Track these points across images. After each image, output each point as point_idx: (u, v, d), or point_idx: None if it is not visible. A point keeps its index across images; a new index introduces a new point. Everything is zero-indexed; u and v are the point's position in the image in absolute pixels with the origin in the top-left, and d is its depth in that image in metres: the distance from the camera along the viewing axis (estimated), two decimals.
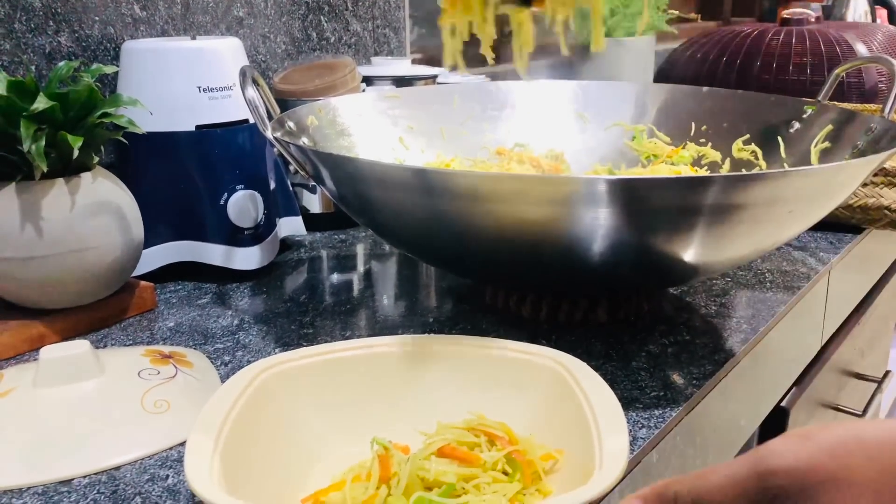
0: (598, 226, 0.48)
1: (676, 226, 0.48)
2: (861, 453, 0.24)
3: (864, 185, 0.83)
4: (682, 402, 0.50)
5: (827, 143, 0.69)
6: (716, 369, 0.54)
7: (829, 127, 0.70)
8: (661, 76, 1.32)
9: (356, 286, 0.71)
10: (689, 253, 0.50)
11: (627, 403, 0.49)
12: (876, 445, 0.24)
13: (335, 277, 0.73)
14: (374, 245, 0.82)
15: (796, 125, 0.74)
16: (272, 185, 0.75)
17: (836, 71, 0.77)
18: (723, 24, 1.93)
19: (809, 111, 0.73)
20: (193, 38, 0.72)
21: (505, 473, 0.39)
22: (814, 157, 0.70)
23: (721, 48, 1.27)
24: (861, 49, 1.18)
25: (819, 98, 0.77)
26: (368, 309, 0.65)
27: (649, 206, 0.46)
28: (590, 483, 0.34)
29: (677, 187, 0.45)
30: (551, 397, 0.44)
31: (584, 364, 0.45)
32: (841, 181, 0.49)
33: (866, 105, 1.03)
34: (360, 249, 0.81)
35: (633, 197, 0.46)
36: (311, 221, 0.84)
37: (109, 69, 0.61)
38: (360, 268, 0.76)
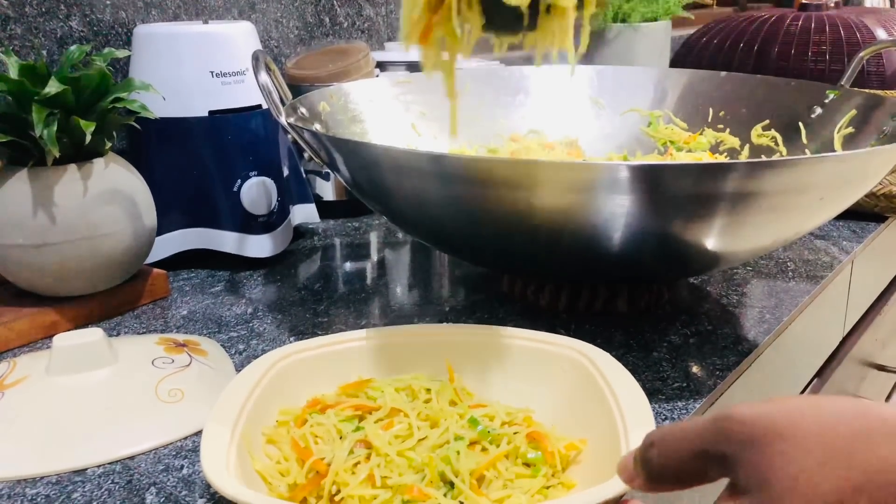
0: (619, 213, 0.47)
1: (701, 214, 0.47)
2: (815, 417, 0.25)
3: (890, 172, 0.81)
4: (705, 393, 0.49)
5: (851, 129, 0.68)
6: (739, 360, 0.53)
7: (853, 112, 0.68)
8: (677, 63, 1.30)
9: (370, 274, 0.70)
10: (714, 241, 0.49)
11: (650, 395, 0.48)
12: (831, 413, 0.25)
13: (349, 266, 0.73)
14: (388, 233, 0.81)
15: (818, 110, 0.72)
16: (285, 172, 0.74)
17: (861, 54, 0.76)
18: (739, 9, 1.91)
19: (832, 96, 0.72)
20: (206, 22, 0.71)
21: (526, 466, 0.38)
22: (837, 142, 0.69)
23: (738, 34, 1.25)
24: (881, 34, 1.16)
25: (842, 83, 0.75)
26: (383, 297, 0.64)
27: (675, 193, 0.45)
28: (617, 477, 0.33)
29: (705, 174, 0.44)
30: (574, 388, 0.43)
31: (608, 354, 0.44)
32: (875, 167, 0.48)
33: (887, 91, 1.01)
34: (374, 237, 0.80)
35: (659, 183, 0.45)
36: (325, 209, 0.84)
37: (121, 53, 0.61)
38: (374, 256, 0.76)
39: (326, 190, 0.85)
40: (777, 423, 0.25)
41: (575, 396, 0.43)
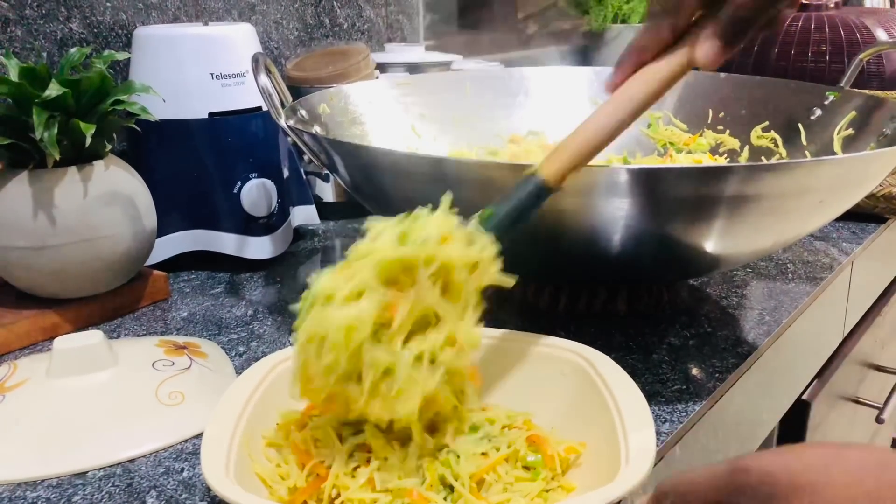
0: (619, 216, 0.47)
1: (701, 216, 0.47)
2: (839, 468, 0.24)
3: (890, 173, 0.81)
4: (705, 395, 0.49)
5: (850, 131, 0.68)
6: (739, 362, 0.53)
7: (853, 114, 0.68)
8: None
9: None
10: (714, 244, 0.49)
11: (649, 397, 0.48)
12: (857, 463, 0.24)
13: None
14: None
15: (817, 112, 0.72)
16: (285, 174, 0.74)
17: (860, 56, 0.76)
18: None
19: (832, 97, 0.71)
20: (206, 23, 0.71)
21: (526, 469, 0.38)
22: (836, 144, 0.69)
23: None
24: (881, 35, 1.16)
25: (842, 84, 0.75)
26: None
27: (675, 196, 0.45)
28: (617, 480, 0.33)
29: (704, 177, 0.44)
30: (573, 391, 0.43)
31: (607, 357, 0.44)
32: (875, 169, 0.48)
33: (887, 93, 1.01)
34: None
35: (659, 187, 0.45)
36: (325, 210, 0.84)
37: (122, 56, 0.61)
38: None
39: (326, 191, 0.85)
40: (800, 477, 0.24)
41: (574, 399, 0.43)
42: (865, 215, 0.82)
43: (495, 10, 1.38)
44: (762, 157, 0.74)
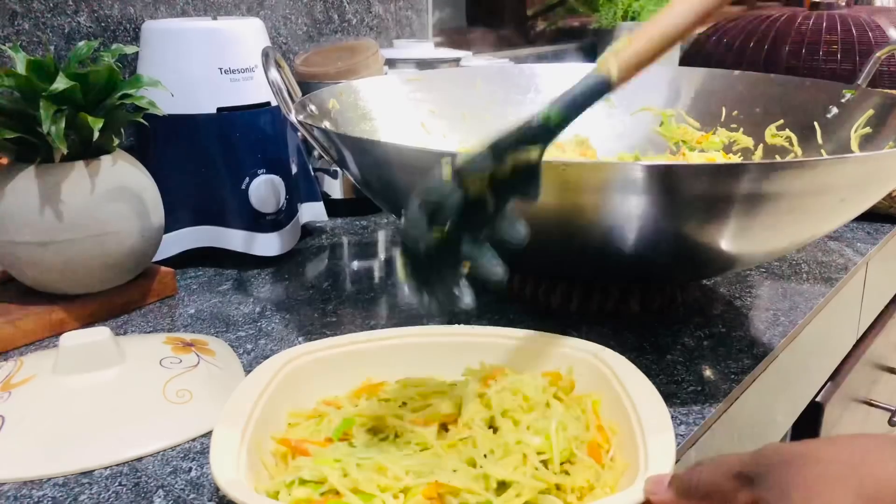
0: (632, 214, 0.46)
1: (717, 215, 0.46)
2: (834, 444, 0.29)
3: None
4: (720, 397, 0.48)
5: (868, 129, 0.67)
6: (754, 364, 0.52)
7: (870, 112, 0.67)
8: (687, 62, 1.30)
9: (378, 274, 0.69)
10: (729, 243, 0.48)
11: (664, 398, 0.47)
12: (849, 440, 0.29)
13: (357, 265, 0.72)
14: (397, 231, 0.81)
15: (834, 110, 0.71)
16: (294, 170, 0.73)
17: (878, 54, 0.75)
18: (749, 8, 1.89)
19: (849, 95, 0.71)
20: (214, 18, 0.71)
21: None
22: (853, 143, 0.68)
23: (748, 33, 1.23)
24: (894, 34, 1.15)
25: (858, 82, 0.74)
26: (391, 297, 0.64)
27: (691, 194, 0.44)
28: (637, 483, 0.32)
29: (724, 175, 0.43)
30: (589, 392, 0.43)
31: (623, 357, 0.43)
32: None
33: None
34: (382, 236, 0.80)
35: (674, 184, 0.44)
36: (333, 207, 0.83)
37: (130, 50, 0.60)
38: (382, 255, 0.75)
39: (334, 188, 0.84)
40: (803, 450, 0.29)
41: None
42: (880, 216, 0.81)
43: (504, 7, 1.37)
44: (776, 156, 0.73)
